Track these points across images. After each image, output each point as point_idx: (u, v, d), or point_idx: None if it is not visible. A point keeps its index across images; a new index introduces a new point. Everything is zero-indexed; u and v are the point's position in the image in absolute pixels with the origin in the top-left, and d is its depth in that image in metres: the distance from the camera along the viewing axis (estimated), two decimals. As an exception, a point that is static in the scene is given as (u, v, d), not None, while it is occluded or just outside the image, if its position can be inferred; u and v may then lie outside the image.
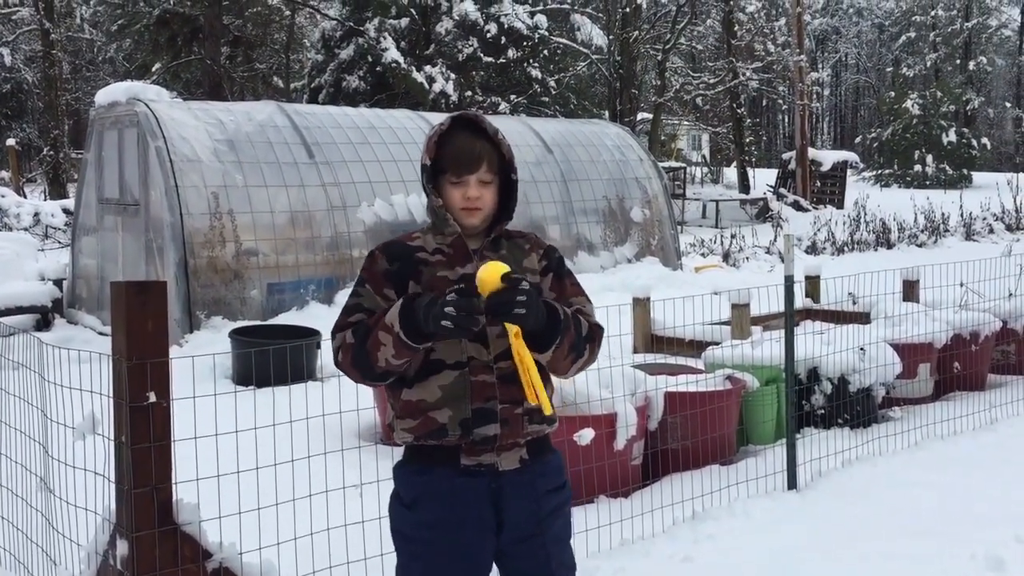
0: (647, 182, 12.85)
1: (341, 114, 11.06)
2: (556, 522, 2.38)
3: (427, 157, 2.33)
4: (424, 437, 2.27)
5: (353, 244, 9.78)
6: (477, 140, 2.32)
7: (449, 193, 2.32)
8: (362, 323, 2.25)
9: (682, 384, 5.05)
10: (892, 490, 4.75)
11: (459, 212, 2.32)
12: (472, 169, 2.30)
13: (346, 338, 2.25)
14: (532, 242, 2.44)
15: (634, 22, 25.41)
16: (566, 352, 2.27)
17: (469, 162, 2.30)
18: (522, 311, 2.11)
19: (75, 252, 10.55)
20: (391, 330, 2.16)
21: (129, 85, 9.90)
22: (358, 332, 2.23)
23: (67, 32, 33.60)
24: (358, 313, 2.28)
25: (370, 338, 2.19)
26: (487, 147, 2.32)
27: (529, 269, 2.37)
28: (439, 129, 2.33)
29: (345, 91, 23.03)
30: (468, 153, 2.30)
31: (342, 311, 2.33)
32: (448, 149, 2.31)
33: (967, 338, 6.80)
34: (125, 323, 2.92)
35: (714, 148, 42.05)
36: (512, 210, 2.40)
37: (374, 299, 2.29)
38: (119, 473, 2.96)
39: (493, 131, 2.35)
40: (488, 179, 2.33)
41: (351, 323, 2.28)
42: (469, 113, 2.37)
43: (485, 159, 2.31)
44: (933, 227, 19.08)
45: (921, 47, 58.66)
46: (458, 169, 2.30)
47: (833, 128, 74.67)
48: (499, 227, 2.38)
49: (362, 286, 2.32)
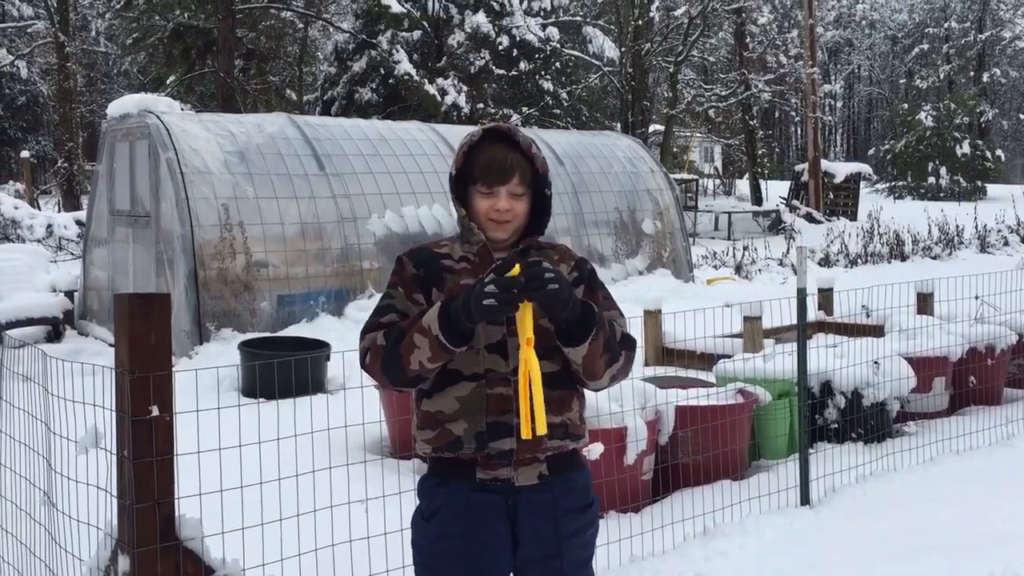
0: (659, 194, 12.80)
1: (352, 126, 11.06)
2: (577, 544, 2.31)
3: (454, 166, 2.30)
4: (441, 449, 2.24)
5: (363, 256, 9.76)
6: (510, 152, 2.27)
7: (478, 203, 2.28)
8: (395, 326, 2.21)
9: (693, 398, 4.99)
10: (907, 506, 4.67)
11: (486, 223, 2.28)
12: (503, 180, 2.25)
13: (377, 340, 2.21)
14: (562, 253, 2.38)
15: (646, 34, 25.40)
16: (601, 350, 2.20)
17: (500, 173, 2.25)
18: (555, 285, 2.07)
19: (86, 264, 10.57)
20: (428, 333, 2.13)
21: (141, 97, 9.93)
22: (391, 335, 2.20)
23: (82, 45, 33.86)
24: (391, 313, 2.26)
25: (404, 341, 2.16)
26: (519, 159, 2.27)
27: None
28: (469, 140, 2.29)
29: (357, 103, 23.09)
30: (499, 164, 2.25)
31: (373, 312, 2.30)
32: (479, 159, 2.26)
33: (983, 352, 6.72)
34: (128, 336, 2.89)
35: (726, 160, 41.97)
36: (544, 225, 2.35)
37: (405, 302, 2.27)
38: (121, 488, 2.93)
39: (527, 144, 2.29)
40: (519, 192, 2.28)
41: (382, 324, 2.24)
42: (502, 125, 2.32)
43: (517, 171, 2.26)
44: (947, 239, 18.95)
45: (934, 59, 58.47)
46: (488, 180, 2.25)
47: (846, 140, 74.47)
48: (528, 240, 2.33)
49: (394, 288, 2.30)
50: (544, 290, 2.07)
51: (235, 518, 3.11)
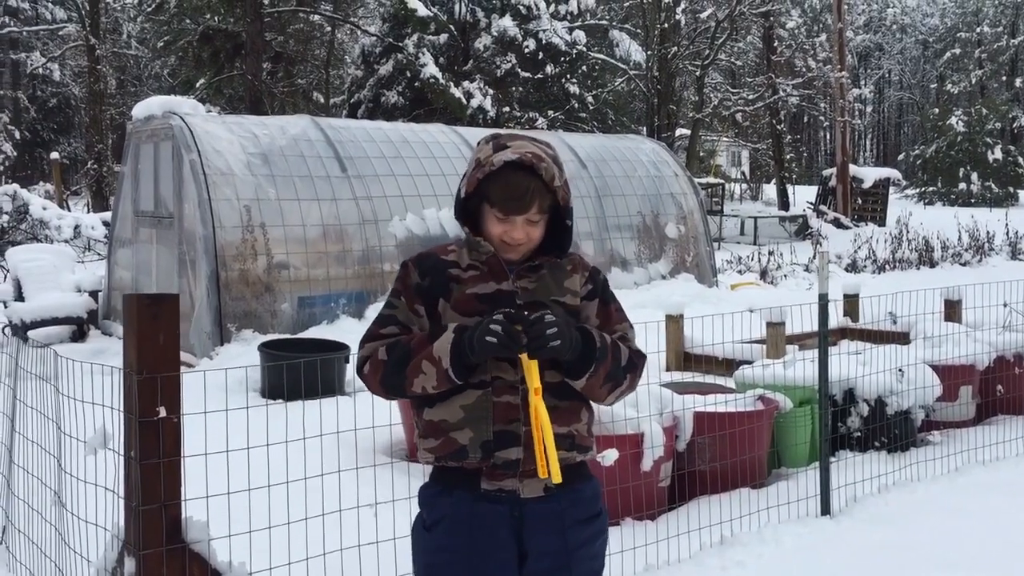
0: (682, 198, 12.70)
1: (375, 128, 11.07)
2: (586, 556, 2.26)
3: (465, 187, 2.20)
4: (445, 458, 2.19)
5: (384, 258, 9.75)
6: (531, 180, 2.15)
7: (491, 225, 2.20)
8: (398, 343, 2.17)
9: (712, 404, 4.91)
10: (930, 518, 4.57)
11: (499, 244, 2.22)
12: (521, 211, 2.17)
13: (378, 354, 2.18)
14: (575, 263, 2.31)
15: (673, 38, 25.29)
16: (602, 381, 2.20)
17: (519, 203, 2.16)
18: (556, 342, 2.08)
19: (111, 264, 10.64)
20: (437, 363, 2.11)
21: (165, 99, 9.99)
22: (393, 352, 2.16)
23: (113, 48, 34.24)
24: (391, 325, 2.22)
25: (410, 364, 2.13)
26: (540, 187, 2.17)
27: (570, 290, 2.26)
28: (488, 166, 2.15)
29: (384, 106, 23.16)
30: (519, 195, 2.15)
31: (374, 320, 2.26)
32: (497, 184, 2.15)
33: (1011, 360, 6.58)
34: (136, 336, 2.87)
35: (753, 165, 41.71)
36: (565, 249, 2.28)
37: (407, 313, 2.23)
38: (128, 489, 2.91)
39: (550, 177, 2.17)
40: (536, 219, 2.20)
41: (383, 335, 2.21)
42: (526, 156, 2.14)
43: (536, 201, 2.17)
44: (977, 246, 18.67)
45: (966, 64, 57.82)
46: (505, 207, 2.16)
47: (876, 145, 73.79)
48: (544, 258, 2.26)
49: (396, 297, 2.25)
50: (546, 348, 2.08)
51: (243, 521, 3.09)
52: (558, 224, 2.25)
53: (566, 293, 2.24)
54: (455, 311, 2.19)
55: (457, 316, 2.18)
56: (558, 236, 2.25)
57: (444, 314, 2.20)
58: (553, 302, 2.21)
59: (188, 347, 8.62)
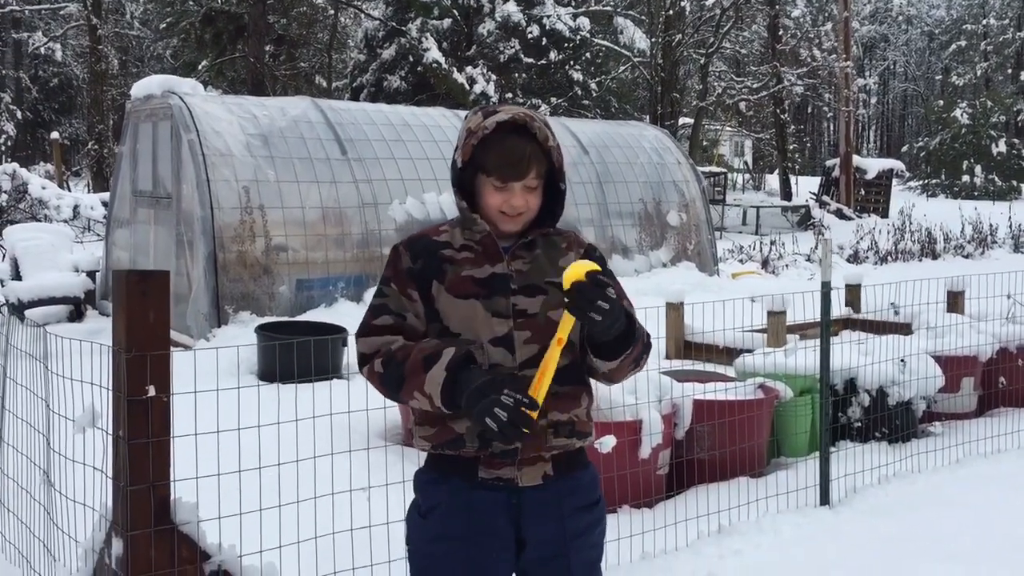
0: (685, 185, 12.62)
1: (375, 111, 10.98)
2: (585, 545, 2.21)
3: (461, 156, 2.14)
4: (441, 446, 2.14)
5: (384, 242, 9.68)
6: (527, 144, 2.11)
7: (489, 196, 2.14)
8: (392, 360, 2.09)
9: (711, 392, 4.86)
10: (930, 509, 4.52)
11: (498, 216, 2.15)
12: (519, 176, 2.11)
13: (374, 365, 2.12)
14: (570, 240, 2.26)
15: (677, 25, 25.13)
16: (631, 364, 2.15)
17: (517, 169, 2.10)
18: (598, 316, 1.95)
19: (109, 244, 10.59)
20: (429, 398, 2.04)
21: (164, 78, 9.90)
22: (388, 370, 2.09)
23: (115, 28, 34.07)
24: (384, 315, 2.15)
25: (403, 388, 2.08)
26: (536, 151, 2.12)
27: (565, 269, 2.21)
28: (481, 131, 2.10)
29: (386, 91, 23.04)
30: (516, 158, 2.09)
31: (368, 309, 2.20)
32: (492, 150, 2.10)
33: (1014, 352, 6.52)
34: (125, 313, 2.82)
35: (756, 154, 41.59)
36: (558, 216, 2.23)
37: (399, 300, 2.16)
38: (116, 469, 2.86)
39: (544, 137, 2.13)
40: (534, 185, 2.15)
41: (377, 327, 2.15)
42: (518, 115, 2.11)
43: (534, 165, 2.12)
44: (980, 238, 18.60)
45: (972, 56, 57.53)
46: (503, 174, 2.10)
47: (879, 136, 73.57)
48: (538, 231, 2.21)
49: (387, 285, 2.18)
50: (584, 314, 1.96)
51: (233, 503, 3.04)
52: (549, 194, 2.20)
53: (561, 272, 2.16)
54: (450, 293, 2.14)
55: (451, 299, 2.13)
56: (550, 205, 2.20)
57: (438, 296, 2.15)
58: (548, 284, 2.16)
59: (185, 329, 8.57)
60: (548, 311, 2.13)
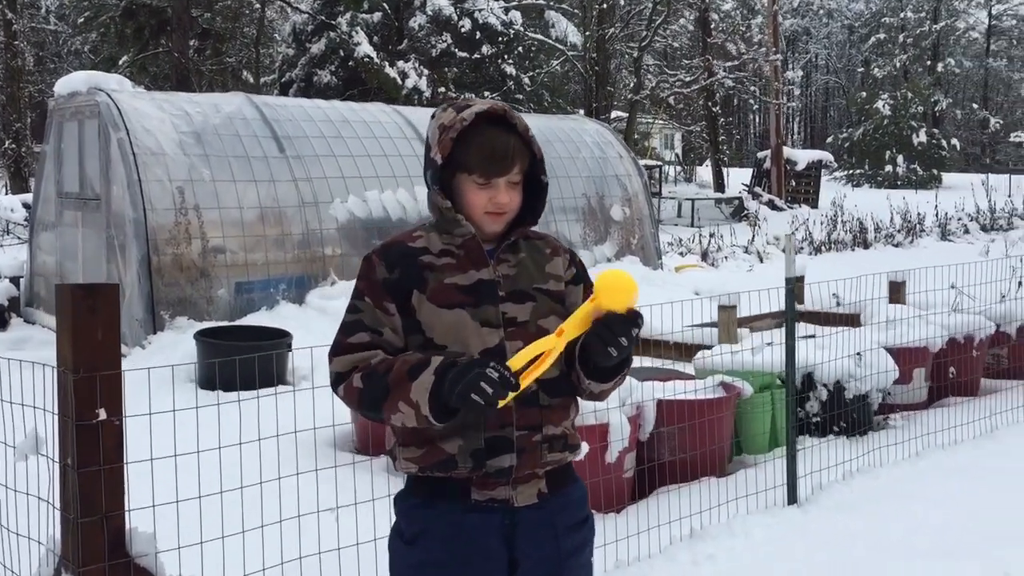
0: (627, 179, 12.60)
1: (313, 107, 10.69)
2: (576, 565, 2.11)
3: (439, 152, 2.00)
4: (430, 468, 1.99)
5: (325, 242, 9.43)
6: (509, 136, 2.00)
7: (472, 195, 2.01)
8: (374, 372, 1.93)
9: (679, 392, 4.78)
10: (897, 503, 4.51)
11: (482, 217, 2.02)
12: (504, 170, 1.99)
13: (353, 381, 1.95)
14: (552, 246, 2.15)
15: (610, 19, 25.18)
16: (618, 384, 2.10)
17: (502, 163, 1.98)
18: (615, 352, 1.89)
19: (33, 248, 10.12)
20: (416, 407, 1.88)
21: (90, 74, 9.48)
22: (370, 383, 1.93)
23: (31, 23, 32.86)
24: (359, 332, 1.98)
25: (387, 401, 1.91)
26: (519, 144, 2.01)
27: (553, 275, 2.09)
28: (459, 123, 1.99)
29: (316, 86, 22.59)
30: (501, 152, 1.98)
31: (340, 328, 2.02)
32: (475, 146, 1.98)
33: (962, 342, 6.60)
34: (71, 331, 2.60)
35: (687, 147, 42.00)
36: (539, 213, 2.11)
37: (374, 314, 1.99)
38: (65, 500, 2.65)
39: (524, 128, 2.03)
40: (517, 179, 2.03)
41: (352, 345, 1.98)
42: (497, 106, 2.02)
43: (518, 158, 2.01)
44: (909, 227, 19.04)
45: (891, 48, 59.04)
46: (488, 170, 1.98)
47: (804, 128, 75.05)
48: (520, 230, 2.09)
49: (360, 299, 2.01)
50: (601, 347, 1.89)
51: (193, 531, 2.84)
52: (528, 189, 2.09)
53: (549, 279, 2.08)
54: (432, 303, 1.99)
55: (434, 308, 1.99)
56: (530, 202, 2.09)
57: (420, 307, 1.99)
58: (536, 290, 2.05)
59: (118, 336, 8.21)
60: (538, 319, 2.03)
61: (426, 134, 2.09)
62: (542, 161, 2.08)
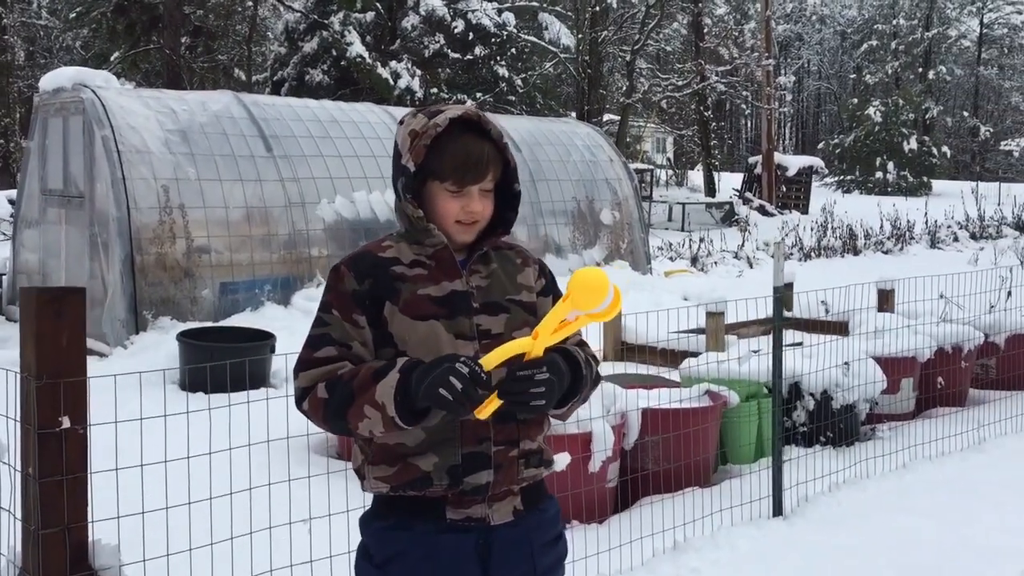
0: (617, 184, 12.54)
1: (301, 106, 10.61)
2: None
3: (412, 160, 1.93)
4: (403, 487, 1.91)
5: (312, 243, 9.35)
6: (484, 143, 1.94)
7: (444, 204, 1.95)
8: (339, 381, 1.85)
9: (663, 401, 4.71)
10: (885, 517, 4.45)
11: (453, 226, 1.95)
12: (478, 178, 1.93)
13: (317, 391, 1.87)
14: (522, 256, 2.10)
15: (602, 22, 25.15)
16: (576, 405, 2.02)
17: (475, 169, 1.92)
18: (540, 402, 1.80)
19: (16, 245, 10.00)
20: (383, 409, 1.80)
21: (76, 70, 9.37)
22: (334, 393, 1.84)
23: (21, 18, 32.67)
24: (327, 346, 1.90)
25: (351, 407, 1.82)
26: (493, 151, 1.95)
27: (525, 286, 2.03)
28: (432, 129, 1.92)
29: (308, 85, 22.48)
30: (475, 160, 1.92)
31: (306, 343, 1.93)
32: (448, 152, 1.92)
33: (950, 352, 6.55)
34: (35, 336, 2.52)
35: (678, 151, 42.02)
36: (511, 222, 2.05)
37: (343, 327, 1.91)
38: (26, 510, 2.56)
39: (498, 134, 1.97)
40: (490, 187, 1.97)
41: (318, 359, 1.89)
42: (471, 112, 1.97)
43: (491, 166, 1.95)
44: (899, 234, 19.04)
45: (882, 55, 59.16)
46: (461, 178, 1.92)
47: (795, 134, 75.20)
48: (492, 240, 2.02)
49: (327, 312, 1.93)
50: (525, 406, 1.81)
51: (160, 542, 2.75)
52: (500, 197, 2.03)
53: (521, 290, 2.02)
54: (405, 314, 1.92)
55: (407, 320, 1.92)
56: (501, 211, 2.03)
57: (392, 319, 1.92)
58: (510, 302, 2.00)
59: (100, 336, 8.12)
60: (513, 331, 1.96)
61: (395, 140, 2.03)
62: (515, 169, 2.03)
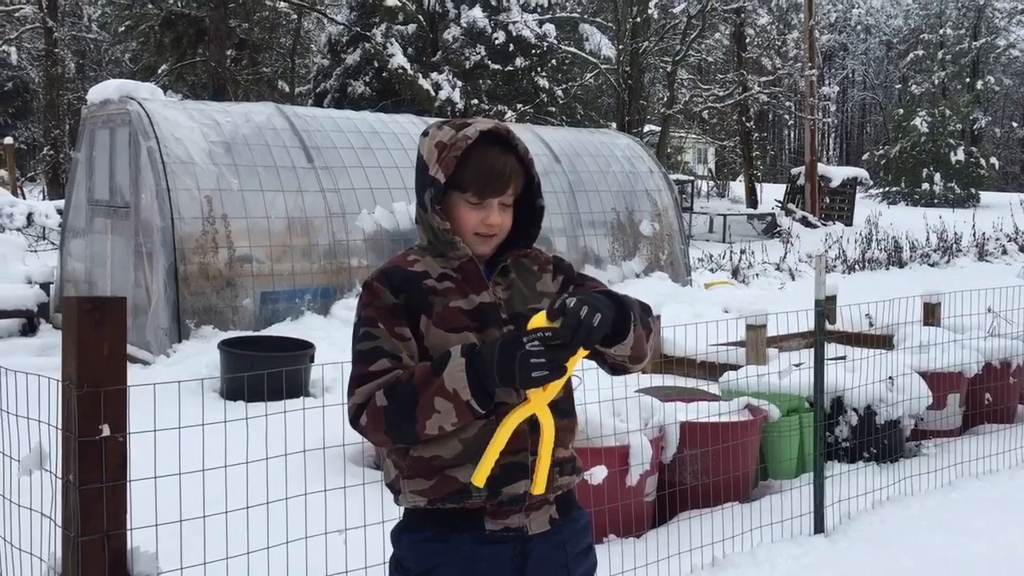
0: (657, 194, 12.47)
1: (343, 118, 10.70)
2: None
3: (441, 171, 1.94)
4: (441, 500, 1.90)
5: (352, 253, 9.40)
6: (508, 157, 1.96)
7: (464, 215, 1.96)
8: (397, 383, 1.84)
9: (703, 415, 4.66)
10: (931, 536, 4.35)
11: (471, 238, 1.96)
12: (500, 190, 1.95)
13: (376, 401, 1.84)
14: (539, 262, 2.08)
15: (644, 33, 25.08)
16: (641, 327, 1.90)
17: (498, 181, 1.94)
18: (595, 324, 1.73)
19: (63, 255, 10.19)
20: (455, 397, 1.78)
21: (122, 83, 9.54)
22: (395, 395, 1.82)
23: (72, 31, 33.37)
24: (381, 359, 1.88)
25: (418, 405, 1.80)
26: (516, 166, 1.97)
27: (545, 293, 2.02)
28: (463, 142, 1.93)
29: (350, 96, 22.70)
30: (498, 173, 1.94)
31: (357, 359, 1.91)
32: (472, 165, 1.94)
33: (998, 368, 6.41)
34: (76, 345, 2.54)
35: (720, 162, 41.73)
36: (534, 238, 2.06)
37: (391, 341, 1.89)
38: (66, 516, 2.59)
39: (524, 149, 1.99)
40: (510, 201, 1.99)
41: (375, 373, 1.87)
42: (500, 126, 1.98)
43: (514, 179, 1.97)
44: (945, 247, 18.71)
45: (929, 65, 58.33)
46: (483, 190, 1.94)
47: (839, 145, 74.38)
48: (511, 253, 2.02)
49: (374, 326, 1.90)
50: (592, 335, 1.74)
51: (197, 551, 2.77)
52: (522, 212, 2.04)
53: (542, 298, 2.01)
54: (439, 327, 1.91)
55: (441, 333, 1.91)
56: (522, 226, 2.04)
57: (427, 332, 1.92)
58: (532, 311, 1.95)
59: (144, 344, 8.23)
60: None
61: (418, 152, 2.03)
62: (539, 185, 2.03)
